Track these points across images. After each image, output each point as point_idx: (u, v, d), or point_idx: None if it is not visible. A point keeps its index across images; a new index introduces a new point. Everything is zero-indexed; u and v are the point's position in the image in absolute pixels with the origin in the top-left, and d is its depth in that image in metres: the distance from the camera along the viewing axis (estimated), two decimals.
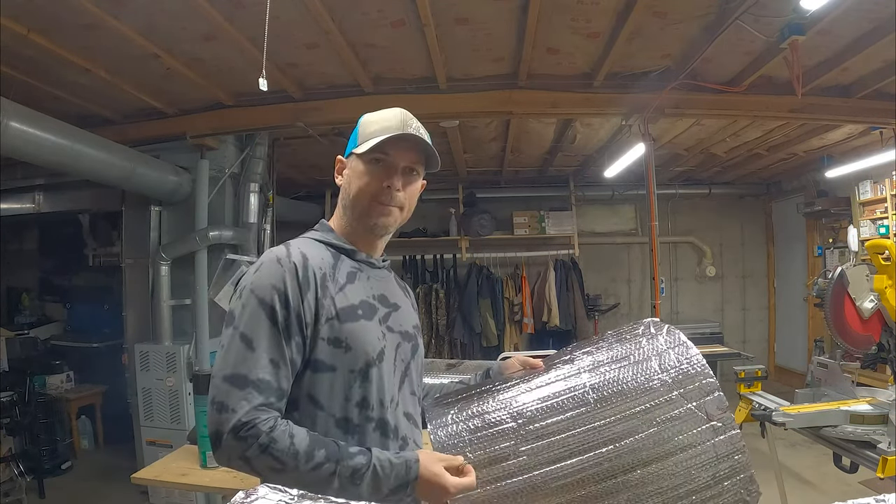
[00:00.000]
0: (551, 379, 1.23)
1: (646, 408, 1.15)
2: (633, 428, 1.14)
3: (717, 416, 1.14)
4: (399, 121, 1.14)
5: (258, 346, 0.99)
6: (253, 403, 0.96)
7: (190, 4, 2.44)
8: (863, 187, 5.30)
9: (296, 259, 1.04)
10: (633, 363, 1.21)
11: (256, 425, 0.94)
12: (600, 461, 1.13)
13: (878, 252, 2.55)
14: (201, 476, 2.12)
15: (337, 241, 1.15)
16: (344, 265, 1.12)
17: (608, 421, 1.15)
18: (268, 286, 1.02)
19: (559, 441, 1.14)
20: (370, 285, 1.14)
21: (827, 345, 5.35)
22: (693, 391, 1.16)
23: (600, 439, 1.14)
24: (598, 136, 4.83)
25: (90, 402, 5.06)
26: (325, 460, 0.95)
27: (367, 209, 1.14)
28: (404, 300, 1.24)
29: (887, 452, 2.15)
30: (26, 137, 2.73)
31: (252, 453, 0.93)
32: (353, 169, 1.16)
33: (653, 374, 1.18)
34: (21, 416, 4.10)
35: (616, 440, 1.14)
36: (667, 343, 1.23)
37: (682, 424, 1.14)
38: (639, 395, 1.16)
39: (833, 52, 3.09)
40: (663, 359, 1.20)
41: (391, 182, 1.13)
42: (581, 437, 1.14)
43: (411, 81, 3.49)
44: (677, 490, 1.12)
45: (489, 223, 6.31)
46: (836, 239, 5.88)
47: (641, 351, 1.23)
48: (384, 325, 1.12)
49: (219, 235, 3.78)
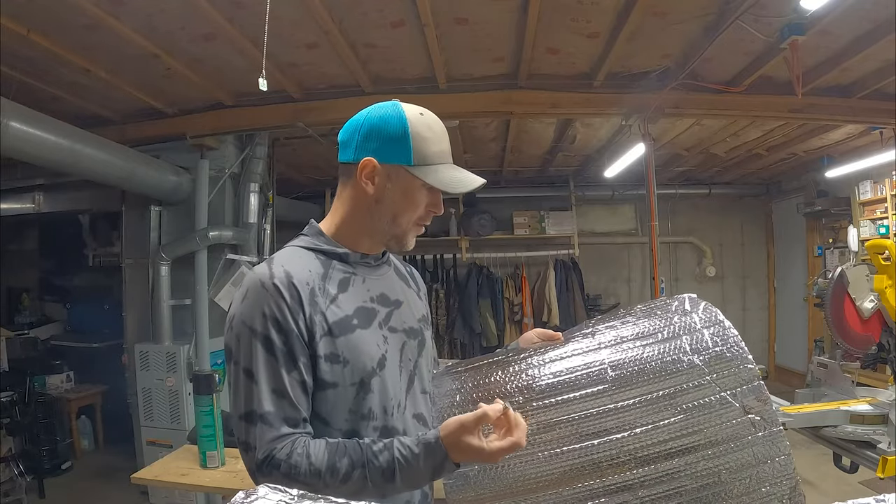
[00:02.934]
0: (568, 353, 1.11)
1: (671, 391, 1.00)
2: (654, 413, 0.99)
3: (756, 409, 0.98)
4: (447, 143, 1.10)
5: (259, 379, 0.96)
6: (266, 438, 0.95)
7: (190, 4, 2.44)
8: (863, 187, 5.30)
9: (279, 280, 0.98)
10: (661, 340, 1.06)
11: (274, 457, 0.94)
12: (612, 449, 0.99)
13: (878, 252, 2.55)
14: (201, 476, 2.12)
15: (328, 245, 1.08)
16: (335, 273, 1.06)
17: (627, 403, 1.01)
18: (257, 315, 0.97)
19: (567, 421, 1.02)
20: (366, 287, 1.08)
21: (827, 345, 5.34)
22: (728, 378, 1.00)
23: (615, 424, 1.00)
24: (598, 136, 4.83)
25: (90, 402, 5.05)
26: (350, 469, 0.93)
27: (406, 230, 1.09)
28: (407, 292, 1.19)
29: (887, 452, 2.15)
30: (26, 137, 2.73)
31: (283, 483, 0.91)
32: (400, 184, 1.06)
33: (682, 354, 1.03)
34: (21, 416, 4.10)
35: (633, 426, 0.99)
36: (702, 321, 1.07)
37: (713, 415, 0.98)
38: (664, 376, 1.01)
39: (833, 52, 3.08)
40: (696, 338, 1.04)
41: (438, 208, 1.10)
42: (593, 420, 1.01)
43: (411, 81, 3.49)
44: (703, 492, 0.96)
45: (489, 223, 6.31)
46: (836, 239, 5.88)
47: (672, 328, 1.07)
48: (385, 328, 1.08)
49: (219, 235, 3.78)
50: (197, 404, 2.25)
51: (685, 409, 0.99)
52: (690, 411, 0.99)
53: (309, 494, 0.58)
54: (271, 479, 0.91)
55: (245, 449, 0.97)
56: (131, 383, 3.91)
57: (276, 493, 0.58)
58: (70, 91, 3.39)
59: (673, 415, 0.99)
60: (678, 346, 1.04)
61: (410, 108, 1.07)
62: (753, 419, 0.97)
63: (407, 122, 1.05)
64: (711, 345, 1.03)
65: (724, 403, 0.98)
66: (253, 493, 0.57)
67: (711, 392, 0.99)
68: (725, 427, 0.97)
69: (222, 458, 2.21)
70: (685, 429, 0.98)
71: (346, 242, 1.09)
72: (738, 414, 0.98)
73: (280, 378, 0.97)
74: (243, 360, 0.97)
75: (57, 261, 6.39)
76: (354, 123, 1.08)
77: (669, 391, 1.01)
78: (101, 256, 5.85)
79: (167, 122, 3.86)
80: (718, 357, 1.02)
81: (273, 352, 0.97)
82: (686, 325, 1.07)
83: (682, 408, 0.99)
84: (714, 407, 0.99)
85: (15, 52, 2.78)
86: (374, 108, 1.08)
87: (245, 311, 0.99)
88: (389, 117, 1.05)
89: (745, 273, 7.10)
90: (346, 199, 1.10)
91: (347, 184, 1.09)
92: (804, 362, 5.95)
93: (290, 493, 0.58)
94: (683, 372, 1.01)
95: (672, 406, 1.00)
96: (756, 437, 0.97)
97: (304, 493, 0.58)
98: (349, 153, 1.08)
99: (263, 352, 0.97)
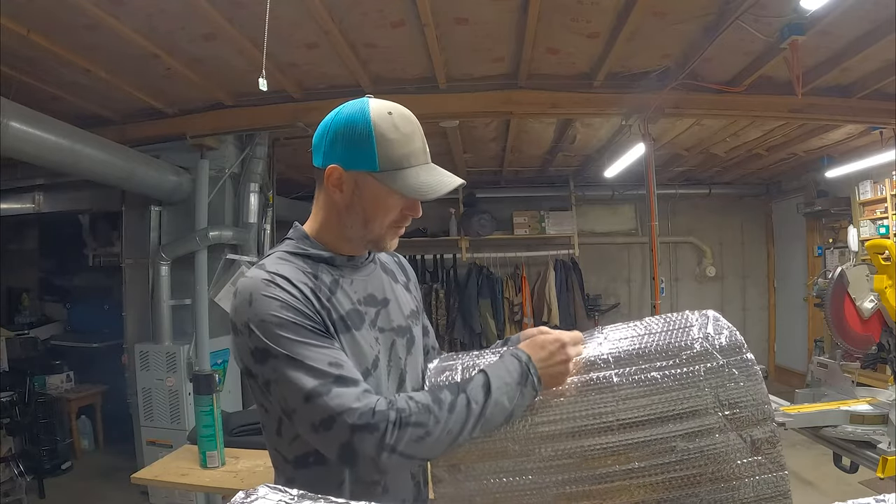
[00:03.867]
0: None
1: (680, 429, 0.97)
2: (657, 455, 0.96)
3: (765, 450, 0.95)
4: (420, 139, 1.03)
5: (308, 357, 0.91)
6: (352, 396, 0.90)
7: (190, 4, 2.44)
8: (863, 187, 5.30)
9: (280, 278, 0.96)
10: (676, 365, 1.01)
11: (376, 409, 0.89)
12: (609, 470, 0.96)
13: (878, 252, 2.55)
14: (201, 476, 2.12)
15: (313, 249, 1.05)
16: (324, 276, 1.03)
17: (624, 415, 0.98)
18: (273, 308, 0.93)
19: (557, 422, 0.99)
20: (354, 290, 1.06)
21: (827, 345, 5.34)
22: (741, 417, 0.96)
23: (609, 431, 0.97)
24: (598, 136, 4.83)
25: (90, 402, 5.05)
26: (453, 396, 0.93)
27: (382, 235, 1.06)
28: (395, 288, 1.16)
29: (887, 452, 2.15)
30: (26, 137, 2.73)
31: (392, 437, 0.88)
32: (368, 191, 1.02)
33: (697, 387, 0.98)
34: (21, 416, 4.10)
35: (622, 451, 0.96)
36: (723, 350, 1.00)
37: (717, 450, 0.95)
38: (674, 409, 0.97)
39: (833, 52, 3.08)
40: (714, 367, 0.99)
41: (415, 212, 1.06)
42: (585, 422, 0.98)
43: (411, 81, 3.49)
44: None
45: (489, 223, 6.31)
46: (836, 239, 5.88)
47: (690, 353, 1.01)
48: (375, 329, 1.06)
49: (219, 235, 3.78)
50: (197, 404, 2.25)
51: (689, 443, 0.96)
52: (695, 446, 0.96)
53: (309, 494, 0.58)
54: (378, 434, 0.87)
55: (328, 427, 0.89)
56: (131, 383, 3.90)
57: (276, 492, 0.58)
58: (70, 91, 3.39)
59: (677, 445, 0.97)
60: (693, 373, 0.99)
61: (377, 108, 1.01)
62: (760, 461, 0.95)
63: (371, 124, 0.98)
64: (729, 378, 0.98)
65: (732, 442, 0.96)
66: (253, 493, 0.57)
67: (720, 428, 0.97)
68: (729, 467, 0.95)
69: (222, 458, 2.21)
70: (688, 462, 0.96)
71: (330, 246, 1.07)
72: (746, 455, 0.95)
73: (325, 351, 0.94)
74: (281, 349, 0.92)
75: (57, 261, 6.39)
76: (324, 126, 1.04)
77: (675, 420, 0.97)
78: (101, 256, 5.85)
79: (167, 122, 3.86)
80: (735, 393, 0.98)
81: (306, 333, 0.94)
82: (705, 352, 1.01)
83: (687, 439, 0.96)
84: (720, 445, 0.96)
85: (15, 52, 2.78)
86: (344, 107, 1.03)
87: (259, 309, 0.94)
88: (355, 120, 1.00)
89: (745, 273, 7.10)
90: (322, 204, 1.08)
91: (321, 188, 1.07)
92: (804, 362, 5.95)
93: (290, 492, 0.58)
94: (694, 403, 0.98)
95: (677, 436, 0.97)
96: (761, 479, 0.95)
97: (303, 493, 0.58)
98: (319, 158, 1.05)
99: (297, 336, 0.93)
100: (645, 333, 1.07)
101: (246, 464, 2.20)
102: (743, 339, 1.02)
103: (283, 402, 0.93)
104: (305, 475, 1.02)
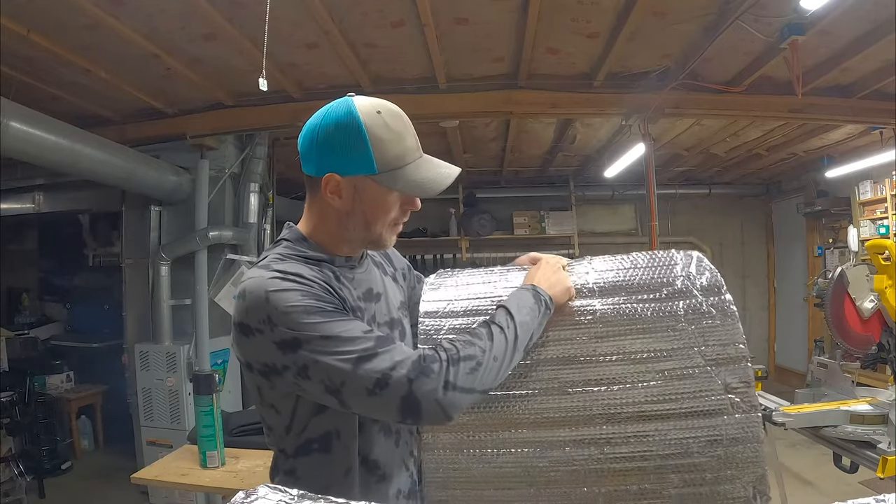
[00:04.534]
0: None
1: (655, 354, 1.00)
2: (635, 374, 0.99)
3: (739, 391, 0.96)
4: (412, 136, 1.03)
5: (343, 331, 0.91)
6: (398, 349, 0.91)
7: (190, 4, 2.44)
8: (863, 187, 5.30)
9: (290, 273, 0.95)
10: (657, 300, 1.04)
11: (422, 355, 0.90)
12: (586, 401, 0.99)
13: (878, 252, 2.55)
14: (201, 476, 2.12)
15: (312, 251, 1.04)
16: (326, 275, 1.03)
17: (608, 358, 1.00)
18: (292, 298, 0.91)
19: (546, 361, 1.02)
20: (353, 286, 1.07)
21: (827, 345, 5.35)
22: (717, 354, 0.99)
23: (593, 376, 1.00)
24: (598, 136, 4.83)
25: (90, 402, 5.05)
26: (487, 328, 0.97)
27: (382, 233, 1.05)
28: (385, 281, 1.17)
29: (887, 452, 2.15)
30: (26, 137, 2.73)
31: (449, 374, 0.90)
32: (368, 194, 1.01)
33: (675, 319, 1.01)
34: (21, 416, 4.10)
35: (612, 382, 0.99)
36: (703, 289, 1.04)
37: (694, 387, 0.97)
38: (652, 337, 1.01)
39: (833, 52, 3.08)
40: (693, 304, 1.02)
41: (414, 206, 1.06)
42: (573, 368, 1.01)
43: (411, 81, 3.49)
44: (668, 461, 0.96)
45: (489, 223, 6.31)
46: (836, 239, 5.88)
47: (671, 288, 1.04)
48: (375, 324, 1.08)
49: (219, 235, 3.78)
50: (197, 404, 2.25)
51: (666, 376, 0.98)
52: (671, 379, 0.98)
53: (309, 494, 0.58)
54: (433, 376, 0.89)
55: (382, 385, 0.88)
56: (131, 383, 3.90)
57: (276, 492, 0.58)
58: (70, 91, 3.39)
59: (653, 378, 0.98)
60: (673, 309, 1.02)
61: (365, 109, 0.99)
62: (733, 400, 0.96)
63: (364, 128, 0.97)
64: (707, 316, 1.01)
65: (707, 378, 0.97)
66: (253, 493, 0.57)
67: (696, 364, 0.98)
68: (704, 402, 0.97)
69: (222, 458, 2.21)
70: (663, 395, 0.97)
71: (327, 248, 1.07)
72: (720, 391, 0.97)
73: (355, 322, 0.94)
74: (312, 332, 0.90)
75: (57, 261, 6.39)
76: (311, 133, 1.02)
77: (654, 354, 1.00)
78: (101, 256, 5.84)
79: (167, 122, 3.86)
80: (711, 330, 1.00)
81: (331, 314, 0.93)
82: (686, 289, 1.04)
83: (664, 374, 0.98)
84: (696, 379, 0.98)
85: (15, 52, 2.79)
86: (328, 112, 1.01)
87: (279, 302, 0.91)
88: (344, 124, 0.98)
89: (745, 273, 7.10)
90: (317, 211, 1.06)
91: (316, 196, 1.05)
92: (804, 362, 5.95)
93: (290, 492, 0.58)
94: (672, 338, 1.00)
95: (654, 370, 0.99)
96: (732, 419, 0.96)
97: (303, 493, 0.58)
98: (310, 167, 1.03)
99: (324, 318, 0.91)
100: (630, 267, 1.10)
101: (246, 464, 2.20)
102: (723, 281, 1.05)
103: (327, 381, 0.91)
104: (307, 462, 1.02)
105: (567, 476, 0.98)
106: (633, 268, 1.10)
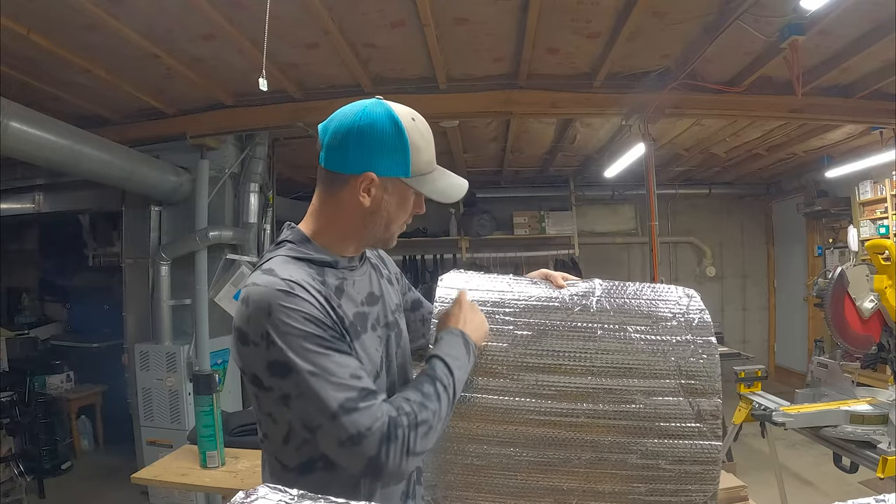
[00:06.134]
0: (555, 296, 1.21)
1: (642, 377, 1.14)
2: (621, 388, 1.14)
3: (708, 421, 1.12)
4: (432, 145, 1.08)
5: (333, 373, 0.92)
6: (377, 406, 0.92)
7: (190, 4, 2.44)
8: (863, 187, 5.30)
9: (296, 284, 0.95)
10: (653, 332, 1.17)
11: (391, 417, 0.93)
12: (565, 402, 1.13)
13: (878, 252, 2.55)
14: (201, 476, 2.12)
15: (317, 254, 1.04)
16: (330, 280, 1.03)
17: (598, 359, 1.15)
18: (293, 318, 0.92)
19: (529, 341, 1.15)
20: (356, 290, 1.07)
21: (827, 345, 5.35)
22: (694, 387, 1.14)
23: (580, 372, 1.14)
24: (598, 136, 4.83)
25: (90, 402, 5.06)
26: (432, 386, 1.00)
27: (394, 235, 1.10)
28: (382, 283, 1.18)
29: (887, 452, 2.15)
30: (26, 137, 2.73)
31: (411, 441, 0.93)
32: (396, 196, 1.04)
33: (666, 351, 1.16)
34: (21, 416, 4.10)
35: (594, 395, 1.13)
36: (694, 331, 1.18)
37: (670, 410, 1.13)
38: (641, 361, 1.15)
39: (833, 52, 3.08)
40: (684, 351, 1.16)
41: (422, 209, 1.12)
42: (551, 357, 1.14)
43: (411, 81, 3.49)
44: (639, 471, 1.13)
45: (489, 223, 6.31)
46: (836, 239, 5.88)
47: (668, 325, 1.18)
48: (378, 328, 1.09)
49: (219, 235, 3.78)
50: (197, 404, 2.25)
51: (649, 399, 1.14)
52: (653, 402, 1.13)
53: (309, 494, 0.58)
54: (398, 442, 0.91)
55: (356, 441, 0.90)
56: (131, 383, 3.90)
57: (276, 492, 0.58)
58: (70, 91, 3.39)
59: (638, 400, 1.14)
60: (664, 341, 1.17)
61: (403, 115, 1.02)
62: (701, 428, 1.12)
63: (406, 133, 1.01)
64: (693, 354, 1.16)
65: (683, 406, 1.13)
66: (253, 493, 0.57)
67: (676, 392, 1.14)
68: (677, 426, 1.12)
69: (222, 458, 2.21)
70: (645, 414, 1.13)
71: (333, 248, 1.06)
72: (692, 419, 1.13)
73: (347, 362, 0.95)
74: (305, 364, 0.91)
75: (57, 261, 6.39)
76: (345, 129, 1.01)
77: (641, 379, 1.14)
78: (101, 256, 5.85)
79: (167, 122, 3.86)
80: (694, 366, 1.15)
81: (328, 344, 0.93)
82: (679, 326, 1.18)
83: (648, 395, 1.14)
84: (673, 406, 1.13)
85: (15, 52, 2.78)
86: (364, 111, 1.01)
87: (280, 321, 0.92)
88: (386, 126, 1.00)
89: (745, 273, 7.10)
90: (335, 206, 1.06)
91: (337, 193, 1.04)
92: (804, 362, 5.96)
93: (290, 492, 0.58)
94: (660, 368, 1.15)
95: (640, 391, 1.14)
96: (698, 444, 1.12)
97: (303, 493, 0.58)
98: (340, 163, 1.02)
99: (320, 348, 0.92)
100: (633, 297, 1.24)
101: (246, 464, 2.20)
102: (711, 322, 1.21)
103: (305, 418, 0.93)
104: (312, 480, 1.00)
105: (549, 475, 1.14)
106: (635, 297, 1.23)
